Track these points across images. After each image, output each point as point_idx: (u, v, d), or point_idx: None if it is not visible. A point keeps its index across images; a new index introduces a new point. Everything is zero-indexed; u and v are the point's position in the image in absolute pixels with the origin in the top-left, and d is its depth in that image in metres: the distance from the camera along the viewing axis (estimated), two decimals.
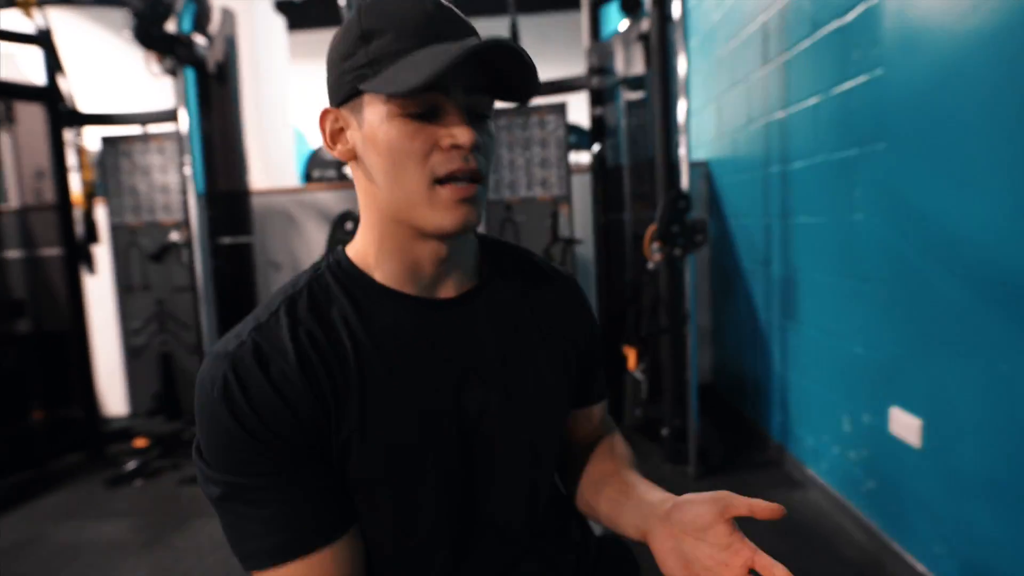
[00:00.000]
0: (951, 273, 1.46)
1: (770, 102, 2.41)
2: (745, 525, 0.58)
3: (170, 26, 2.41)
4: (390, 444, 0.62)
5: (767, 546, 0.56)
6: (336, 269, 0.66)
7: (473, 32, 0.62)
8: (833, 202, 1.99)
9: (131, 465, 2.62)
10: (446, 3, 0.61)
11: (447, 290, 0.68)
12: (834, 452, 2.07)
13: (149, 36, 2.30)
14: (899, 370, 1.69)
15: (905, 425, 1.66)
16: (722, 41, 2.90)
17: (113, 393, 3.20)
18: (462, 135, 0.58)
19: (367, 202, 0.65)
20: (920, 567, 1.62)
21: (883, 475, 1.80)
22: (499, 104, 0.66)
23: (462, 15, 0.62)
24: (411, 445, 0.63)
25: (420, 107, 0.58)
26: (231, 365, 0.58)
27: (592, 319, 0.80)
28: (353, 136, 0.63)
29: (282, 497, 0.58)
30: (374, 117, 0.60)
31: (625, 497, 0.71)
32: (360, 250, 0.67)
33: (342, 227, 2.41)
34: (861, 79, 1.77)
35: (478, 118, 0.62)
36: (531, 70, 0.60)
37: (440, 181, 0.60)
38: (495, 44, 0.56)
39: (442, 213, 0.60)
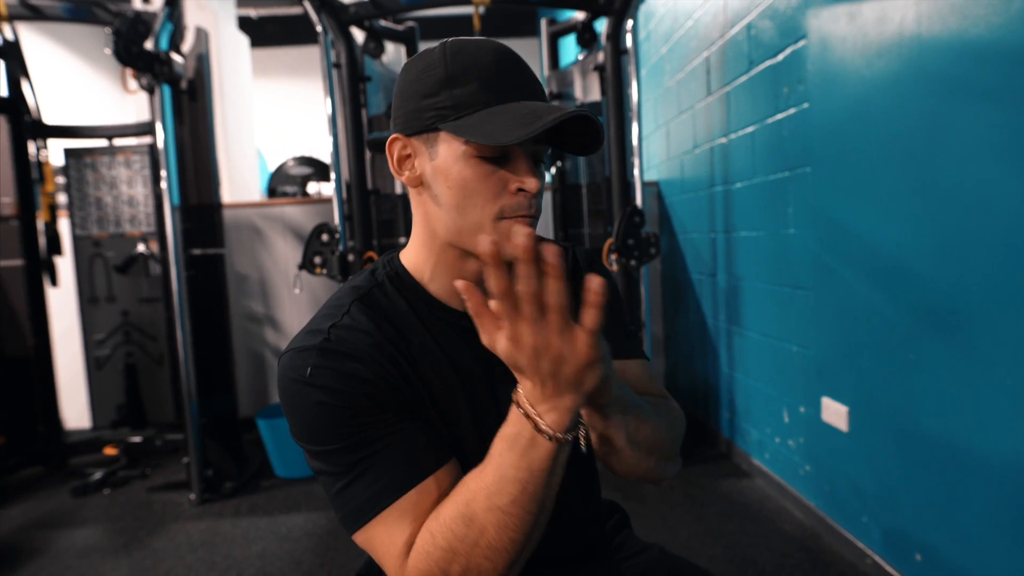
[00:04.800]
0: (867, 278, 1.71)
1: (713, 129, 2.67)
2: (698, 509, 0.69)
3: (148, 44, 2.48)
4: (450, 435, 0.70)
5: (718, 529, 0.67)
6: (395, 279, 0.74)
7: (538, 85, 0.70)
8: (769, 218, 2.24)
9: (98, 475, 2.61)
10: (516, 58, 0.70)
11: None
12: (776, 442, 2.30)
13: (129, 54, 2.37)
14: (828, 364, 1.93)
15: (835, 412, 1.89)
16: (670, 73, 3.17)
17: (74, 406, 3.16)
18: (530, 184, 0.66)
19: (425, 224, 0.72)
20: (849, 536, 1.84)
21: (818, 459, 2.03)
22: None
23: (527, 66, 0.71)
24: (465, 436, 0.71)
25: (495, 152, 0.66)
26: (317, 352, 0.65)
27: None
28: (422, 164, 0.70)
29: (383, 446, 0.64)
30: (449, 154, 0.67)
31: None
32: (415, 264, 0.74)
33: (318, 238, 2.52)
34: (791, 111, 2.03)
35: (537, 164, 0.70)
36: (599, 139, 0.67)
37: (503, 217, 0.67)
38: (579, 117, 0.63)
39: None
